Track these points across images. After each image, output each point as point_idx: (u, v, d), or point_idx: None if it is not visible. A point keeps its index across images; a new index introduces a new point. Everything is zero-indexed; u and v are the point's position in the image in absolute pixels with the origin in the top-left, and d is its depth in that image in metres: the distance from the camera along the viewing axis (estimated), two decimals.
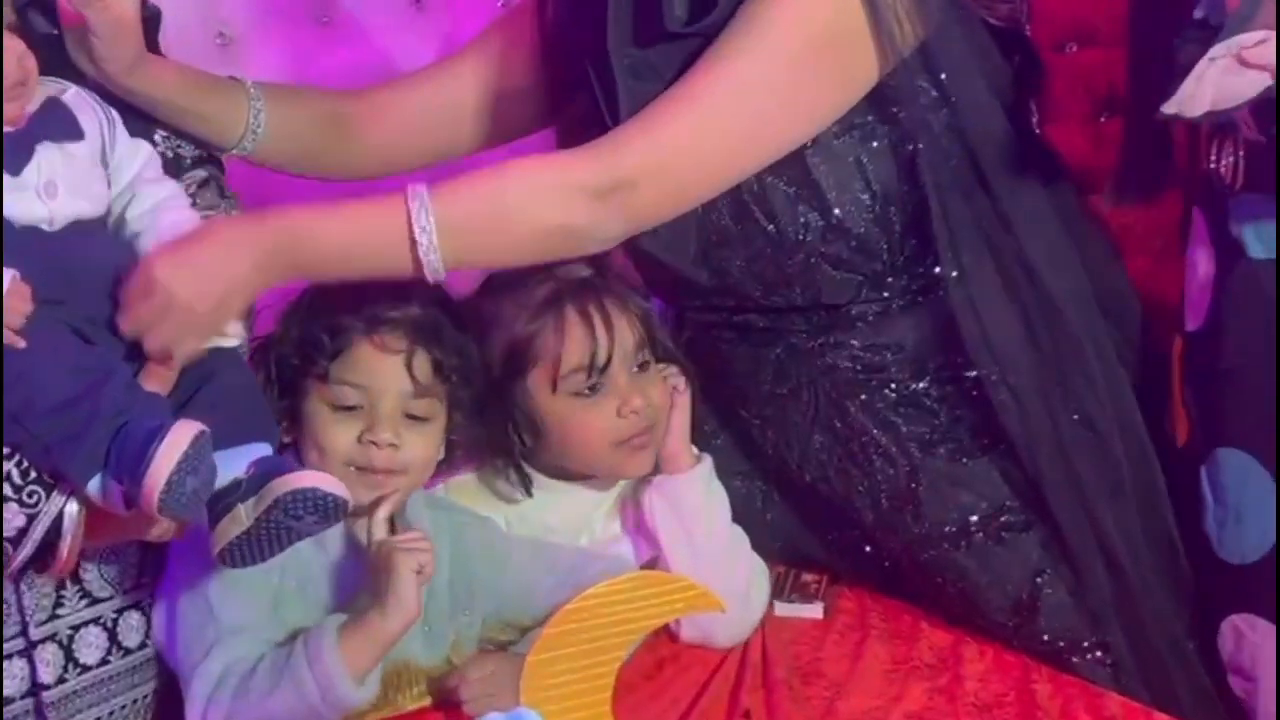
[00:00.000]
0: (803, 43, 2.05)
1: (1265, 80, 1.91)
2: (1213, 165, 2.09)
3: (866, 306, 2.21)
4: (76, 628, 2.04)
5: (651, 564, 2.20)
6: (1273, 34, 1.89)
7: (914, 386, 2.22)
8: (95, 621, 2.05)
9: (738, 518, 2.28)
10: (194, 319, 1.89)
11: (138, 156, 2.00)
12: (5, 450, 1.86)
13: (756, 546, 2.29)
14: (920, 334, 2.21)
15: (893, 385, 2.22)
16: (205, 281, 1.89)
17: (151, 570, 2.11)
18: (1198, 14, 1.97)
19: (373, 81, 2.42)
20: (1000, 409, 2.14)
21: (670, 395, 2.22)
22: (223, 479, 1.87)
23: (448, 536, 2.13)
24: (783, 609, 2.27)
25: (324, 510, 1.87)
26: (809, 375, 2.25)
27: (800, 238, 2.16)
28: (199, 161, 2.21)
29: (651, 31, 2.09)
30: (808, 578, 2.31)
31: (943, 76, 2.13)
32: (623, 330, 2.18)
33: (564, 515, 2.24)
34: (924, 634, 2.22)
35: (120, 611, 2.08)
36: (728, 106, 2.04)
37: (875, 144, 2.14)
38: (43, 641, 2.01)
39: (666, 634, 2.19)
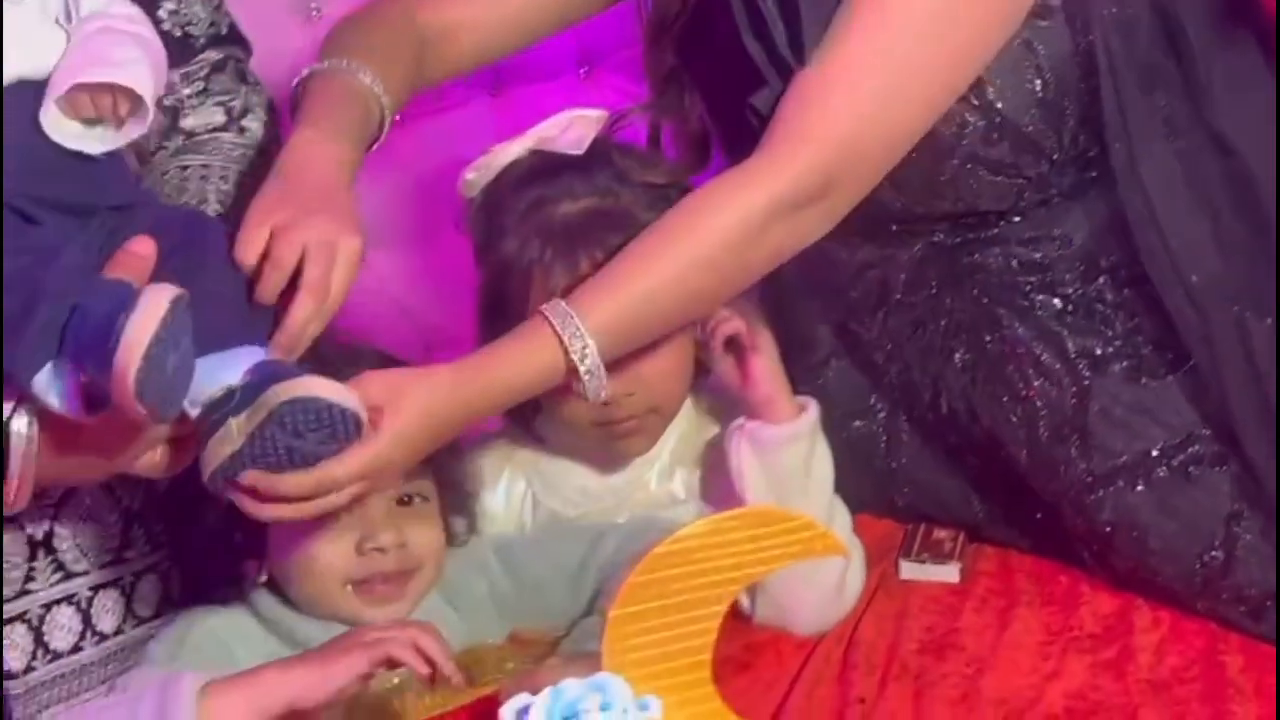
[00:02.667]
0: None
1: None
2: None
3: (1026, 201, 1.99)
4: (48, 607, 1.89)
5: None
6: None
7: (1084, 290, 1.99)
8: (68, 600, 1.90)
9: (855, 468, 2.05)
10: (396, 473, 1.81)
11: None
12: None
13: (879, 501, 2.10)
14: (1093, 225, 1.98)
15: (1058, 288, 1.99)
16: (416, 451, 1.78)
17: (140, 544, 1.96)
18: None
19: None
20: (1177, 316, 1.94)
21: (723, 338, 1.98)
22: (213, 387, 1.66)
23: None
24: (910, 571, 2.05)
25: (332, 426, 1.65)
26: (952, 277, 2.02)
27: (956, 140, 1.94)
28: (214, 41, 1.99)
29: None
30: (941, 534, 2.08)
31: None
32: None
33: (601, 478, 2.05)
34: (1085, 598, 2.01)
35: (95, 590, 1.92)
36: (913, 47, 1.85)
37: (1047, 21, 1.91)
38: (10, 622, 1.85)
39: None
